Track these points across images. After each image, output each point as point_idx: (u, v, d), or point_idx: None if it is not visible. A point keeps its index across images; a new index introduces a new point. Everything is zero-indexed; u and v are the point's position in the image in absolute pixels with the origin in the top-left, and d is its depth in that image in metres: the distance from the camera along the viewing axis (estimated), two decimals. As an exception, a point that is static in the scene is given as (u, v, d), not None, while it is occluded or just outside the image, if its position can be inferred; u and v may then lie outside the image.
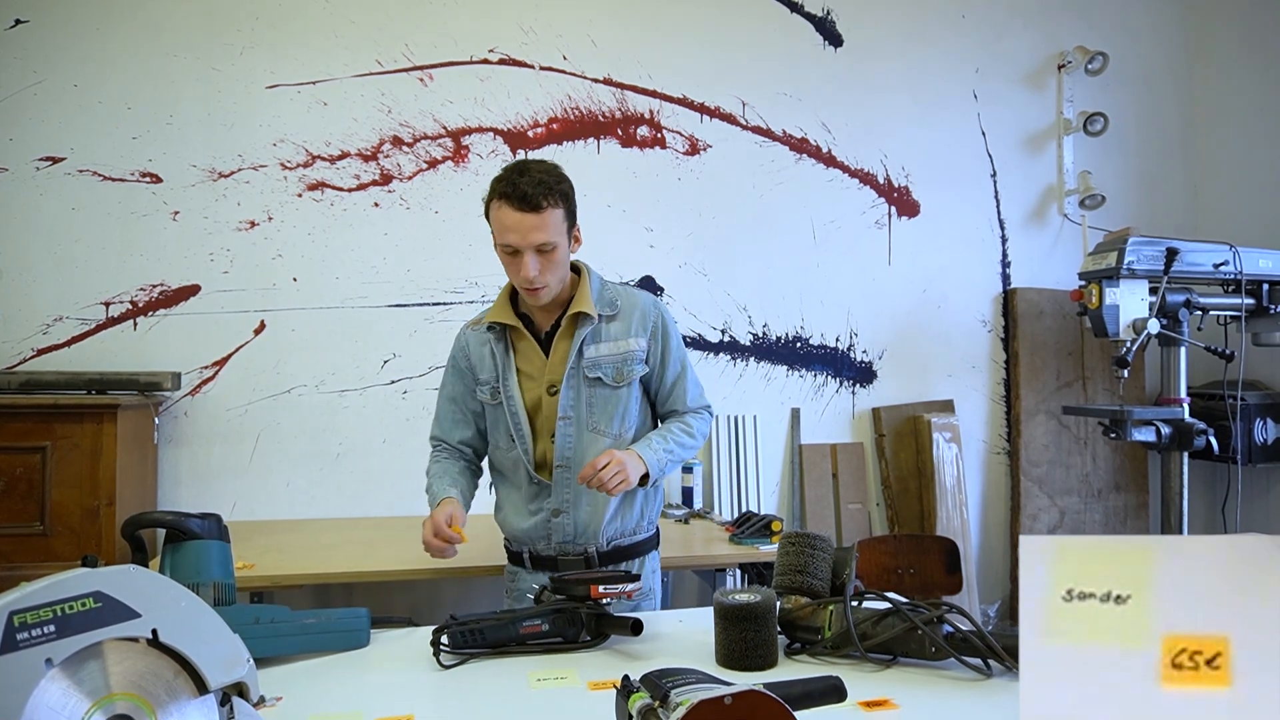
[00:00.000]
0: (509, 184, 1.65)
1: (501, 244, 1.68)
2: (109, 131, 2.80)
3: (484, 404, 1.84)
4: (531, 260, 1.65)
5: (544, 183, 1.65)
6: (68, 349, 2.76)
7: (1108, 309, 2.84)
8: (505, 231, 1.66)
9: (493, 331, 1.80)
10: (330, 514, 2.91)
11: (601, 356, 1.78)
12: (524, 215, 1.63)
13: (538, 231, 1.65)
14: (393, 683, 1.26)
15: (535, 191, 1.63)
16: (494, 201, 1.68)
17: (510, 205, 1.64)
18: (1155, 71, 3.77)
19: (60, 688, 0.79)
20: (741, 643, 1.31)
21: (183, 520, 1.31)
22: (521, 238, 1.64)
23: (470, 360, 1.84)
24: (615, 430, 1.80)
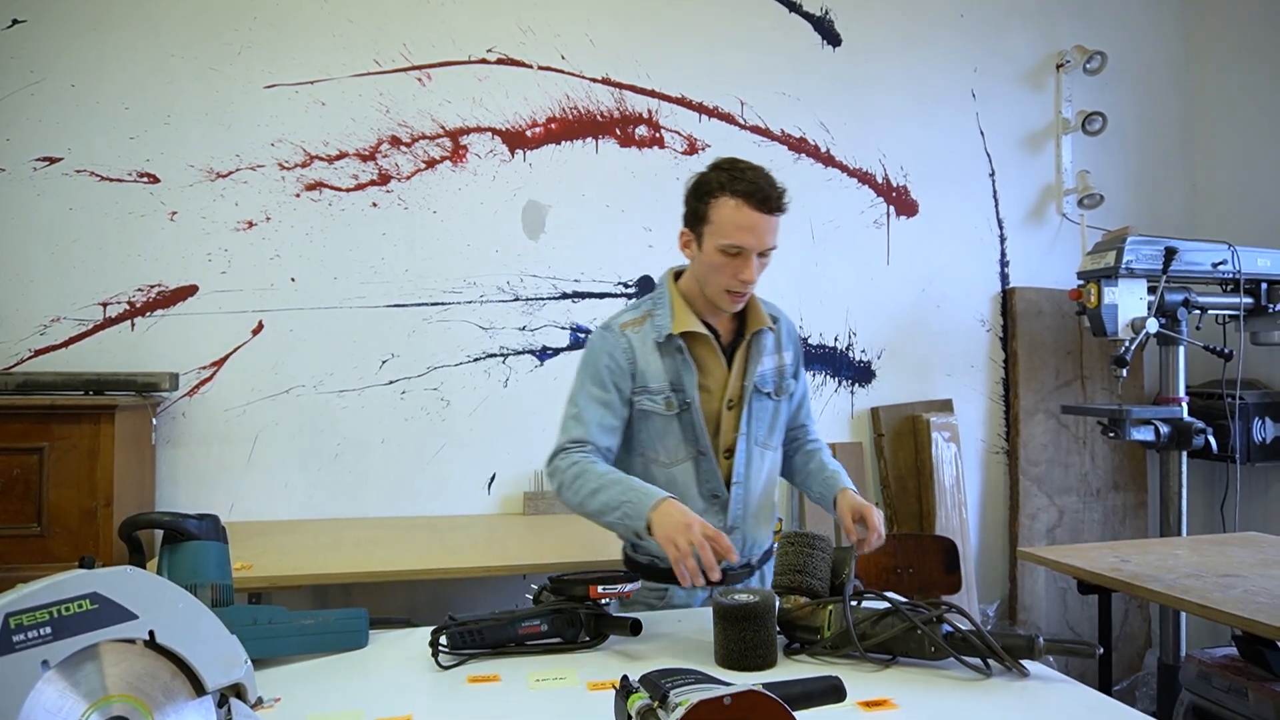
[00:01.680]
0: (750, 183, 1.60)
1: (726, 244, 1.61)
2: (106, 131, 2.80)
3: (648, 413, 1.71)
4: (756, 263, 1.62)
5: (778, 186, 1.62)
6: (65, 349, 2.76)
7: (1106, 308, 2.84)
8: (740, 231, 1.59)
9: (670, 340, 1.71)
10: (328, 514, 2.90)
11: (766, 371, 1.77)
12: (765, 217, 1.59)
13: (772, 235, 1.62)
14: (391, 683, 1.26)
15: (774, 193, 1.60)
16: (724, 197, 1.60)
17: (752, 205, 1.59)
18: (1154, 71, 3.77)
19: (57, 689, 0.79)
20: (740, 643, 1.31)
21: (180, 521, 1.30)
22: (758, 240, 1.60)
23: (636, 365, 1.71)
24: (775, 444, 1.82)
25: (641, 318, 1.76)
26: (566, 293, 3.12)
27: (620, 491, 1.56)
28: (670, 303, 1.74)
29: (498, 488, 3.04)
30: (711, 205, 1.62)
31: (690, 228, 1.70)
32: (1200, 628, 3.22)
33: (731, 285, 1.64)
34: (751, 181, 1.59)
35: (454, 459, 3.01)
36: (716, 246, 1.62)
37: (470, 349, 3.03)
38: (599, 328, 1.81)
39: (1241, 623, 1.76)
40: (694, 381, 1.70)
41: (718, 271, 1.64)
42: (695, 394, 1.70)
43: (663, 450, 1.73)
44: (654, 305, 1.77)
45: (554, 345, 3.10)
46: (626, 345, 1.73)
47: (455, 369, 3.02)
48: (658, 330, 1.72)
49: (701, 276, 1.70)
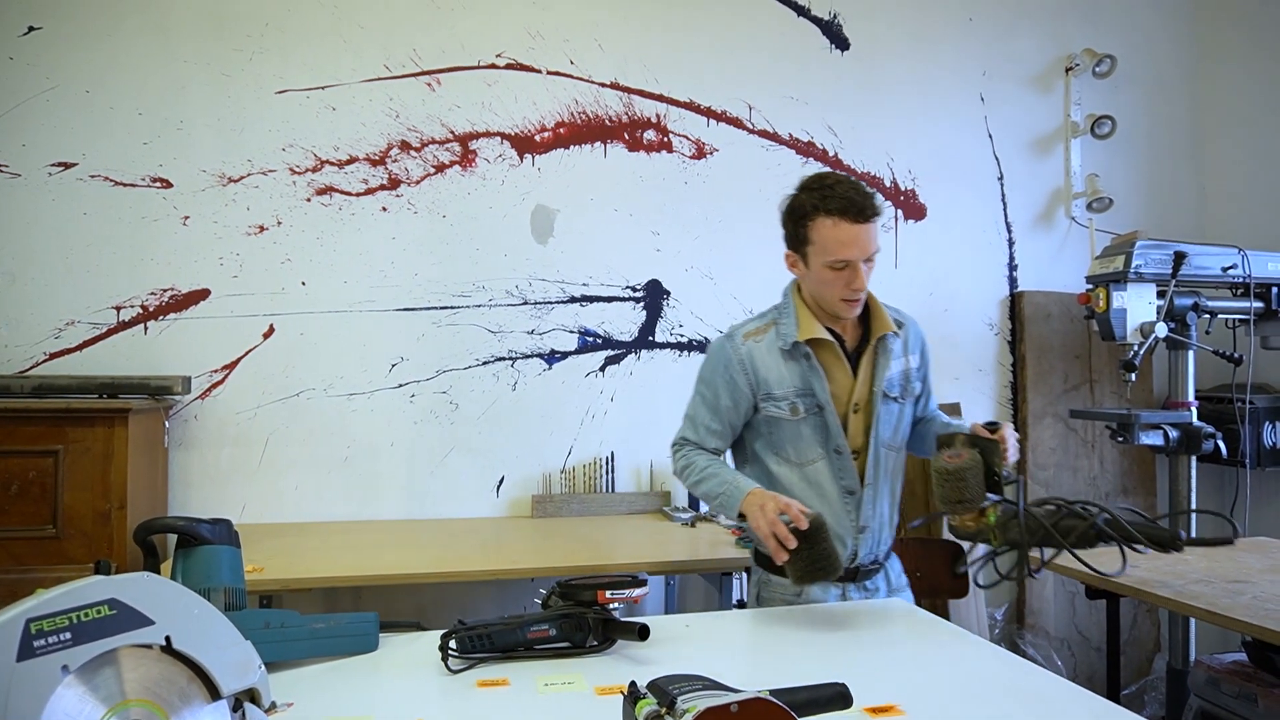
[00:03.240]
0: (840, 199, 1.65)
1: (831, 260, 1.67)
2: (120, 137, 2.82)
3: (774, 418, 1.79)
4: (864, 270, 1.67)
5: (866, 192, 1.67)
6: (79, 353, 2.78)
7: (1115, 312, 2.84)
8: (842, 246, 1.65)
9: (797, 347, 1.76)
10: (338, 517, 2.92)
11: (894, 375, 1.81)
12: (861, 227, 1.65)
13: (873, 240, 1.67)
14: (401, 687, 1.27)
15: (865, 202, 1.65)
16: (819, 219, 1.67)
17: (848, 219, 1.64)
18: (1163, 74, 3.76)
19: (76, 694, 0.81)
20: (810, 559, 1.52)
21: (194, 526, 1.32)
22: (861, 250, 1.66)
23: (757, 374, 1.79)
24: (899, 444, 1.86)
25: (765, 326, 1.83)
26: (575, 297, 3.13)
27: (717, 484, 1.74)
28: (795, 311, 1.80)
29: (506, 490, 3.06)
30: (810, 226, 1.68)
31: (793, 249, 1.77)
32: (1209, 633, 3.20)
33: (845, 295, 1.70)
34: (843, 196, 1.64)
35: (463, 462, 3.03)
36: (823, 264, 1.69)
37: (479, 353, 3.05)
38: (722, 336, 1.88)
39: (1250, 629, 1.76)
40: (824, 386, 1.76)
41: (829, 285, 1.71)
42: (827, 397, 1.76)
43: (794, 451, 1.80)
44: (779, 315, 1.83)
45: (562, 349, 3.12)
46: (746, 354, 1.81)
47: (464, 372, 3.03)
48: (783, 338, 1.79)
49: (815, 292, 1.76)
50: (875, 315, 1.80)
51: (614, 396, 3.16)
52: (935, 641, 1.52)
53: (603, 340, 3.15)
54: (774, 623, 1.67)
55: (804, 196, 1.70)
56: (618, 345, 3.17)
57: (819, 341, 1.76)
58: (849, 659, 1.43)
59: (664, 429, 3.16)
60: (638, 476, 3.16)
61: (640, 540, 2.64)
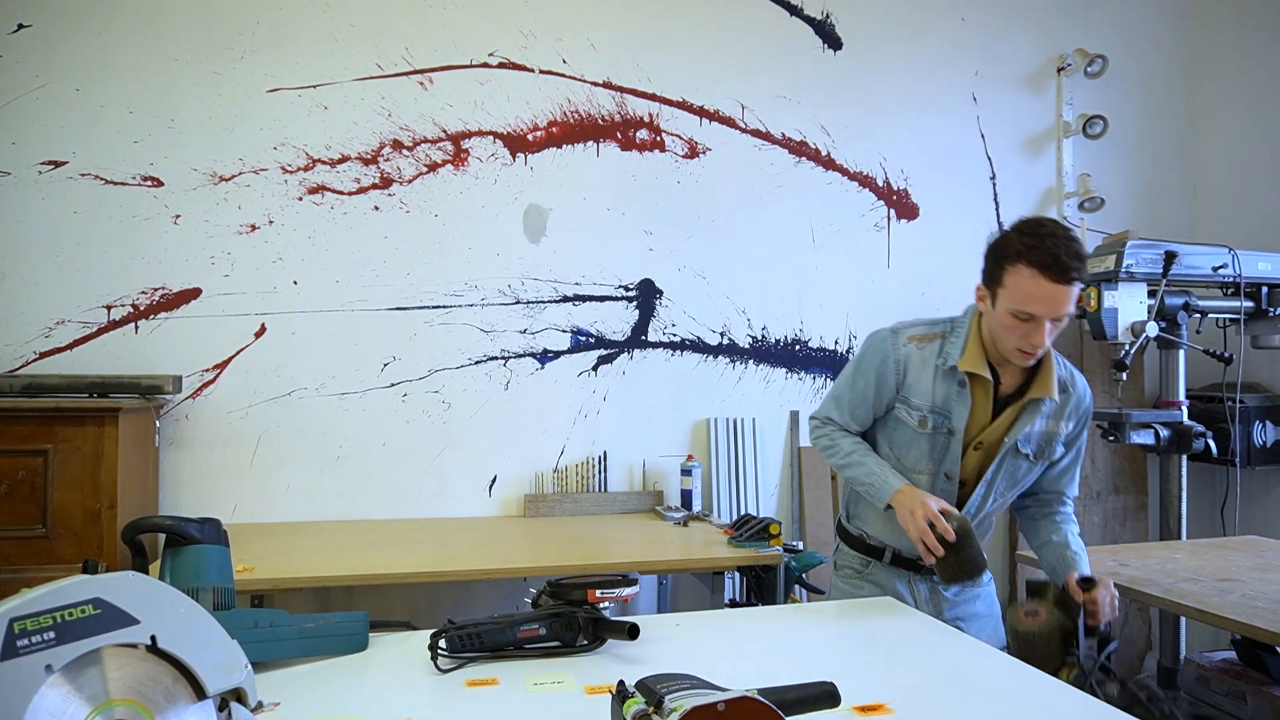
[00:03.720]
0: (1045, 252, 1.58)
1: (1018, 310, 1.62)
2: (111, 135, 2.81)
3: (901, 422, 1.81)
4: (1048, 329, 1.62)
5: (1079, 253, 1.59)
6: (69, 352, 2.77)
7: (1106, 312, 2.85)
8: (1030, 300, 1.60)
9: (954, 371, 1.75)
10: (330, 516, 2.92)
11: (1035, 432, 1.78)
12: (1059, 286, 1.58)
13: (1066, 304, 1.60)
14: (391, 687, 1.27)
15: (1071, 262, 1.58)
16: (1019, 265, 1.61)
17: (1046, 276, 1.57)
18: (1154, 75, 3.77)
19: (60, 694, 0.80)
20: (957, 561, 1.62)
21: (182, 525, 1.31)
22: (1050, 309, 1.60)
23: (906, 377, 1.79)
24: (1006, 495, 1.86)
25: (932, 336, 1.81)
26: (567, 296, 3.13)
27: (865, 474, 1.79)
28: (967, 336, 1.76)
29: (498, 490, 3.06)
30: (1007, 270, 1.63)
31: (986, 286, 1.71)
32: (1200, 631, 3.22)
33: (1022, 346, 1.66)
34: (1049, 251, 1.58)
35: (455, 461, 3.02)
36: (1009, 310, 1.64)
37: (471, 352, 3.04)
38: (887, 329, 1.86)
39: (1239, 628, 1.77)
40: (963, 416, 1.76)
41: (1009, 332, 1.66)
42: (961, 426, 1.76)
43: (905, 458, 1.83)
44: (950, 330, 1.80)
45: (555, 348, 3.11)
46: (904, 355, 1.80)
47: (456, 372, 3.03)
48: (945, 357, 1.77)
49: (994, 333, 1.72)
50: (1043, 373, 1.75)
51: (607, 396, 3.16)
52: (924, 640, 1.52)
53: (595, 339, 3.15)
54: (764, 622, 1.67)
55: (1012, 238, 1.64)
56: (610, 344, 3.17)
57: (976, 375, 1.75)
58: (838, 658, 1.43)
59: (657, 428, 3.19)
60: (630, 476, 3.16)
61: (632, 539, 2.64)
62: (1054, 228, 1.62)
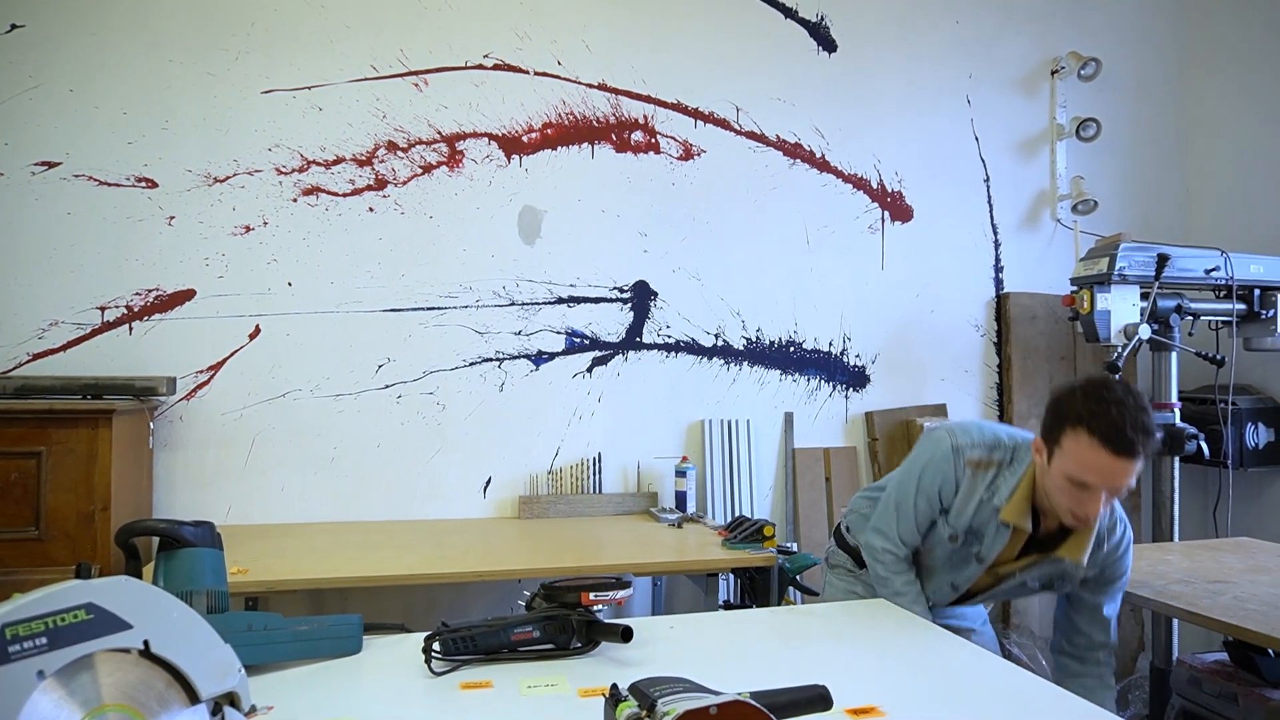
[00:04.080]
0: (1109, 425, 1.52)
1: (1073, 476, 1.57)
2: (105, 136, 2.81)
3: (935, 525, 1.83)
4: (1102, 500, 1.57)
5: (1145, 426, 1.52)
6: (63, 354, 2.77)
7: (1099, 314, 2.86)
8: (1087, 470, 1.55)
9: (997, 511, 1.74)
10: (325, 518, 2.92)
11: (1048, 572, 1.80)
12: (1118, 461, 1.52)
13: (1124, 477, 1.54)
14: (384, 690, 1.27)
15: (1136, 438, 1.51)
16: (1079, 430, 1.55)
17: (1106, 448, 1.52)
18: (1147, 77, 3.79)
19: (52, 699, 0.80)
20: None
21: (176, 528, 1.31)
22: (1105, 481, 1.55)
23: (955, 495, 1.78)
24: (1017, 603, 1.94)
25: (989, 464, 1.77)
26: (562, 298, 3.13)
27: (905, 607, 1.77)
28: (1019, 484, 1.72)
29: (493, 491, 3.06)
30: (1067, 433, 1.58)
31: (1044, 440, 1.66)
32: (1193, 632, 3.23)
33: (1075, 511, 1.62)
34: (1112, 423, 1.52)
35: (449, 463, 3.02)
36: (1064, 474, 1.59)
37: (466, 353, 3.04)
38: (949, 444, 1.80)
39: (1230, 629, 1.78)
40: (997, 551, 1.77)
41: (1061, 494, 1.62)
42: (990, 556, 1.78)
43: (926, 553, 1.88)
44: (1009, 460, 1.76)
45: (549, 350, 3.12)
46: (957, 477, 1.78)
47: (451, 373, 3.03)
48: (993, 491, 1.75)
49: (1048, 488, 1.67)
50: (1082, 535, 1.71)
51: (601, 397, 3.16)
52: (917, 642, 1.53)
53: (590, 341, 3.16)
54: (756, 624, 1.68)
55: (1077, 399, 1.58)
56: (605, 346, 3.17)
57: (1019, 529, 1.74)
58: (830, 660, 1.43)
59: (651, 429, 3.20)
60: (625, 477, 3.16)
61: (627, 541, 2.64)
62: (1122, 394, 1.55)
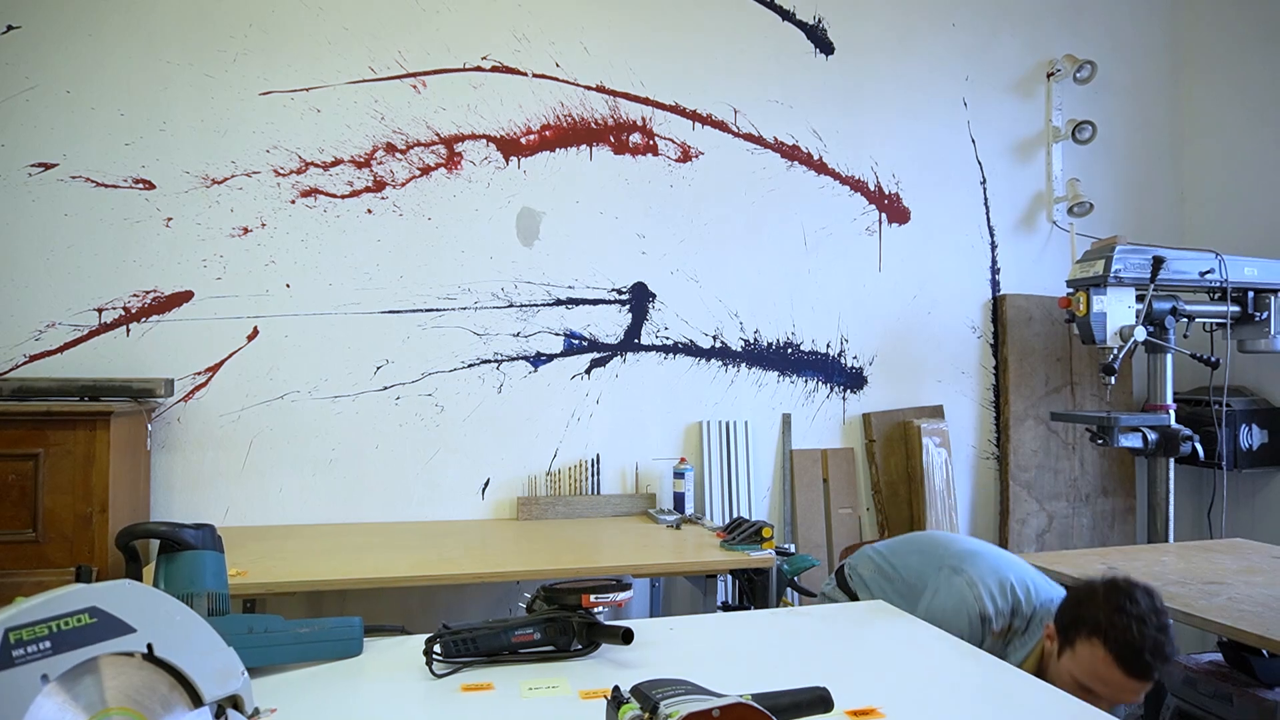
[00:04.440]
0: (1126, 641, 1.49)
1: (1082, 684, 1.54)
2: (102, 137, 2.80)
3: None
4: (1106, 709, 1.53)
5: (1162, 651, 1.49)
6: (60, 355, 2.76)
7: (1095, 316, 2.87)
8: (1096, 681, 1.53)
9: None
10: (323, 520, 2.92)
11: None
12: (1129, 681, 1.51)
13: (1134, 695, 1.54)
14: (385, 692, 1.27)
15: (1154, 662, 1.49)
16: (1095, 642, 1.53)
17: (1120, 667, 1.49)
18: (1143, 80, 3.80)
19: (56, 703, 0.80)
20: None
21: (177, 531, 1.31)
22: (1113, 696, 1.53)
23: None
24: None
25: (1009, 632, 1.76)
26: (560, 299, 3.13)
27: None
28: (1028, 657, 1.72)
29: (491, 493, 3.06)
30: (1082, 639, 1.56)
31: (1058, 632, 1.64)
32: (1188, 632, 3.24)
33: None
34: (1130, 643, 1.49)
35: (448, 464, 3.02)
36: (1072, 675, 1.57)
37: (464, 355, 3.05)
38: (979, 614, 1.77)
39: (1226, 630, 1.79)
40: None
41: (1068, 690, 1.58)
42: None
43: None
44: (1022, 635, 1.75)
45: (548, 351, 3.12)
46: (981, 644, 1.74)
47: (449, 375, 3.03)
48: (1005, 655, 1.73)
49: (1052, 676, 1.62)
50: None
51: (600, 399, 3.16)
52: (916, 644, 1.53)
53: (588, 343, 3.16)
54: (756, 626, 1.68)
55: (1101, 608, 1.54)
56: (603, 348, 3.17)
57: None
58: (831, 662, 1.44)
59: (649, 431, 3.20)
60: (623, 478, 3.17)
61: (626, 543, 2.65)
62: (1145, 610, 1.51)
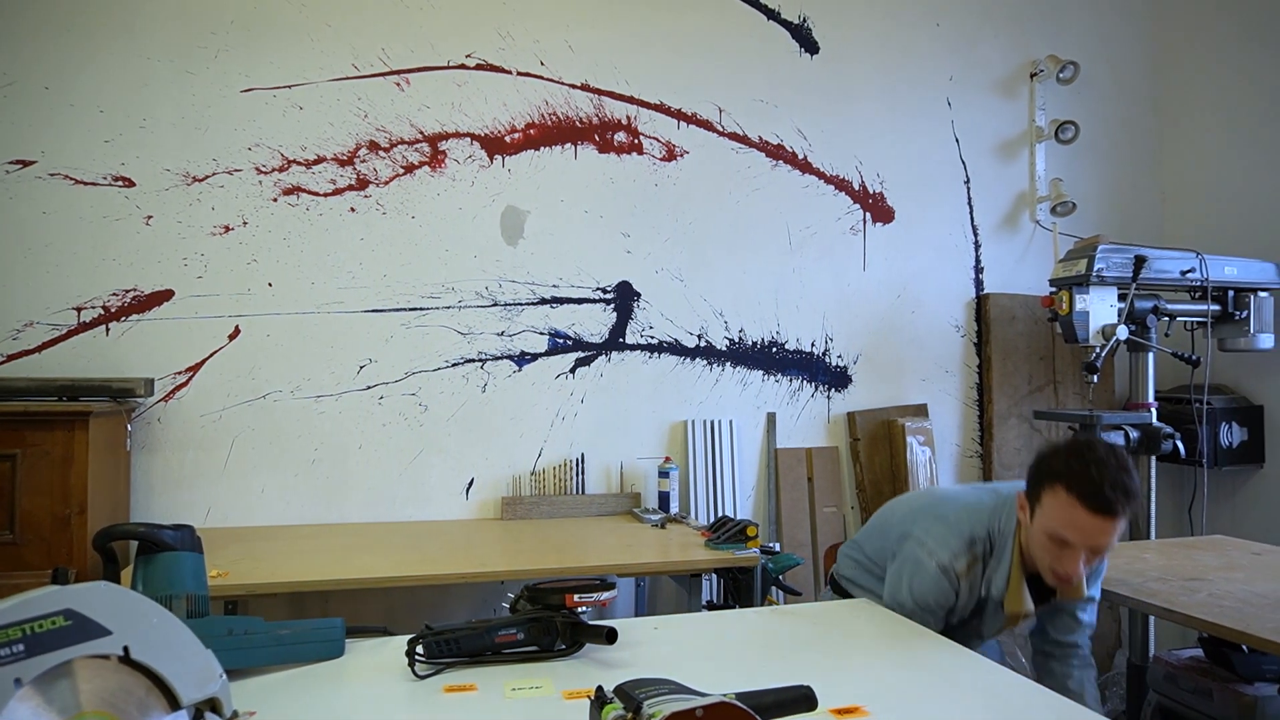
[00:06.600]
0: (1090, 483, 1.54)
1: (1054, 534, 1.60)
2: (81, 135, 2.77)
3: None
4: (1081, 559, 1.59)
5: (1126, 488, 1.54)
6: (38, 355, 2.73)
7: (1078, 315, 2.89)
8: (1066, 528, 1.57)
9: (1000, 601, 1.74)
10: (306, 520, 2.89)
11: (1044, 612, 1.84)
12: (1096, 520, 1.55)
13: (1104, 536, 1.57)
14: (367, 694, 1.26)
15: (1115, 496, 1.53)
16: (1058, 487, 1.58)
17: (1085, 508, 1.54)
18: (1125, 80, 3.83)
19: (30, 708, 0.79)
20: None
21: (155, 532, 1.30)
22: (1085, 540, 1.57)
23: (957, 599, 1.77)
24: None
25: (973, 562, 1.76)
26: (545, 298, 3.12)
27: None
28: (1009, 568, 1.72)
29: (475, 493, 3.05)
30: (1047, 490, 1.61)
31: (1027, 498, 1.69)
32: (1169, 628, 3.27)
33: (1055, 569, 1.63)
34: (1092, 482, 1.54)
35: (432, 464, 3.01)
36: (1044, 531, 1.61)
37: (448, 354, 3.03)
38: (938, 567, 1.76)
39: (1206, 626, 1.80)
40: (995, 629, 1.80)
41: (1044, 550, 1.64)
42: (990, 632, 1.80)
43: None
44: (988, 550, 1.75)
45: (532, 350, 3.11)
46: (958, 588, 1.76)
47: (433, 374, 3.02)
48: (987, 585, 1.75)
49: (1031, 546, 1.69)
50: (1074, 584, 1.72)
51: (584, 398, 3.16)
52: (900, 641, 1.54)
53: (573, 342, 3.15)
54: (740, 625, 1.68)
55: (1061, 457, 1.61)
56: (588, 347, 3.17)
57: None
58: (815, 660, 1.44)
59: (634, 430, 3.20)
60: (608, 478, 3.16)
61: (610, 542, 2.64)
62: (1104, 454, 1.57)
